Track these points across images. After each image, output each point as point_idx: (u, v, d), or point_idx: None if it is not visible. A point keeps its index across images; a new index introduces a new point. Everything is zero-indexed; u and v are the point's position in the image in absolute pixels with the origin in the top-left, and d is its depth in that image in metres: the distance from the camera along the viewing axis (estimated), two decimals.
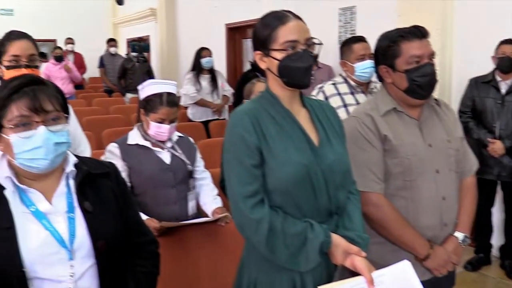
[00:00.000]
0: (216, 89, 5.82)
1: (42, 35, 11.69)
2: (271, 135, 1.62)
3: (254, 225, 1.57)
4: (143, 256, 1.65)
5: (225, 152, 1.67)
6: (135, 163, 2.54)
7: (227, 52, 7.56)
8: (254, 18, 6.66)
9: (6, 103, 1.41)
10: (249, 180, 1.60)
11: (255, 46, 1.71)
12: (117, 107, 6.79)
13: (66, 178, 1.52)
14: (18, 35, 2.28)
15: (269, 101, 1.69)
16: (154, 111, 2.55)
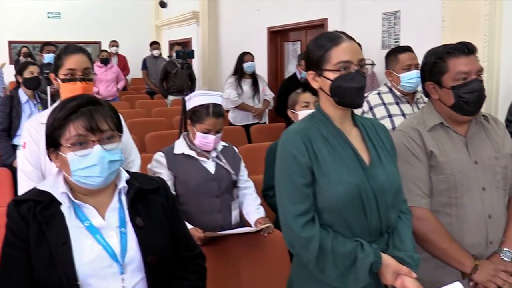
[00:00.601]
0: (257, 93, 5.85)
1: (87, 37, 12.06)
2: (323, 154, 1.64)
3: (304, 243, 1.60)
4: (191, 270, 1.69)
5: (277, 171, 1.70)
6: (181, 173, 2.58)
7: (269, 55, 7.57)
8: (296, 21, 6.73)
9: (64, 123, 1.47)
10: (300, 199, 1.62)
11: (308, 66, 1.74)
12: (159, 110, 6.89)
13: (118, 193, 1.58)
14: (74, 49, 2.34)
15: (320, 120, 1.71)
16: (201, 121, 2.60)
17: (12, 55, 11.72)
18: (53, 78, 2.36)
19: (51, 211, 1.48)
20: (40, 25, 11.82)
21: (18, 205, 1.49)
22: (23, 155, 2.29)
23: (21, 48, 9.72)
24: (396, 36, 5.32)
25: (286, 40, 7.52)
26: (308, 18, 6.58)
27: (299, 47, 7.19)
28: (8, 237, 1.48)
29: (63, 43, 11.53)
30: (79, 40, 10.71)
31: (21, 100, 4.28)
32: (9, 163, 4.02)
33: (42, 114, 2.41)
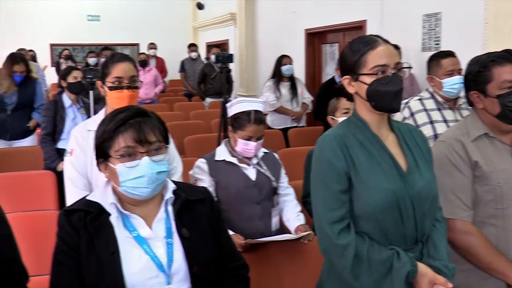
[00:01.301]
0: (296, 96, 5.83)
1: (125, 39, 12.27)
2: (360, 160, 1.63)
3: (340, 250, 1.59)
4: (235, 280, 1.70)
5: (313, 177, 1.70)
6: (222, 179, 2.60)
7: (306, 57, 7.53)
8: (334, 23, 6.68)
9: (113, 135, 1.50)
10: (336, 205, 1.61)
11: (343, 71, 1.72)
12: (197, 112, 6.95)
13: (165, 204, 1.60)
14: (121, 58, 2.37)
15: (357, 126, 1.70)
16: (242, 128, 2.61)
17: (53, 58, 12.02)
18: (100, 86, 2.40)
19: (100, 221, 1.51)
20: (80, 28, 12.11)
21: (68, 215, 1.53)
22: (70, 162, 2.34)
23: (62, 51, 9.97)
24: (437, 38, 5.22)
25: (324, 42, 7.47)
26: (347, 19, 6.52)
27: (337, 49, 7.13)
28: (59, 246, 1.52)
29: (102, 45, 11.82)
30: (117, 42, 10.95)
31: (65, 105, 4.38)
32: (54, 167, 4.12)
33: (89, 121, 2.46)
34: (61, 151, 4.22)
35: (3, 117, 4.90)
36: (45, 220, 2.85)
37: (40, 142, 4.28)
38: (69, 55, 9.64)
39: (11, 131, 4.94)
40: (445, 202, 1.94)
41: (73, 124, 4.28)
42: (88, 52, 9.20)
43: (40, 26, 11.61)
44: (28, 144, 5.04)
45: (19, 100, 4.89)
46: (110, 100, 2.35)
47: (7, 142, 4.95)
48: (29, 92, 4.98)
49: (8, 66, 4.79)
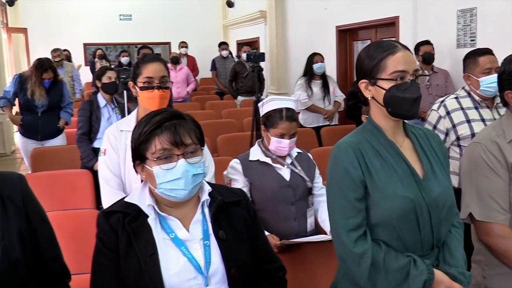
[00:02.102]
0: (328, 94, 5.78)
1: (157, 38, 12.41)
2: (376, 168, 1.62)
3: (356, 259, 1.58)
4: (272, 283, 1.69)
5: (329, 185, 1.69)
6: (256, 179, 2.60)
7: (338, 54, 7.48)
8: (366, 20, 6.61)
9: (150, 137, 1.51)
10: (353, 213, 1.61)
11: (360, 75, 1.71)
12: (229, 111, 6.97)
13: (201, 206, 1.61)
14: (152, 58, 2.40)
15: (371, 132, 1.68)
16: (274, 126, 2.61)
17: (86, 57, 12.24)
18: (131, 86, 2.43)
19: (138, 223, 1.53)
20: (113, 27, 12.31)
21: (107, 216, 1.55)
22: (103, 161, 2.39)
23: (95, 50, 10.14)
24: (472, 34, 5.12)
25: (356, 39, 7.41)
26: (379, 16, 6.45)
27: None
28: (99, 247, 1.54)
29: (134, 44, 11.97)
30: (149, 41, 11.06)
31: (99, 105, 4.46)
32: (90, 166, 4.19)
33: (121, 121, 2.50)
34: (97, 150, 4.29)
35: (34, 119, 5.06)
36: (82, 219, 2.90)
37: (77, 141, 4.37)
38: (103, 54, 9.80)
39: (42, 131, 5.10)
40: (481, 206, 1.92)
41: (108, 124, 4.35)
42: (121, 51, 9.33)
43: (74, 27, 11.86)
44: (58, 143, 5.20)
45: (49, 103, 5.04)
46: (141, 100, 2.38)
47: (38, 142, 5.09)
48: (58, 94, 5.14)
49: (37, 74, 4.90)
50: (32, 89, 4.89)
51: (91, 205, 3.68)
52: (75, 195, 3.67)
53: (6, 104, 5.15)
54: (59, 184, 3.65)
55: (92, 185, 3.75)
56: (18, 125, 5.23)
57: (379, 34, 6.78)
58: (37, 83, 4.89)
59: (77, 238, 2.65)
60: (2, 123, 7.93)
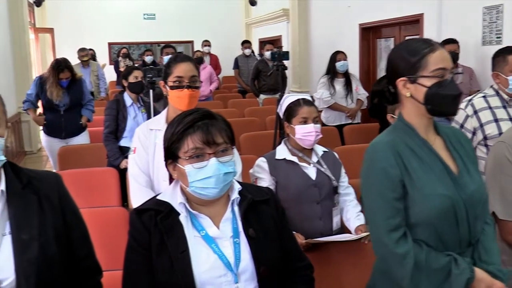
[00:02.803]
0: (350, 93, 5.76)
1: (180, 37, 12.50)
2: (413, 167, 1.61)
3: (399, 259, 1.58)
4: (300, 281, 1.71)
5: (366, 186, 1.69)
6: (282, 178, 2.62)
7: (360, 52, 7.45)
8: (389, 17, 6.57)
9: (182, 137, 1.54)
10: (392, 213, 1.60)
11: (396, 73, 1.68)
12: (252, 109, 6.99)
13: (231, 204, 1.63)
14: (182, 58, 2.45)
15: (405, 131, 1.68)
16: (295, 114, 2.66)
17: (111, 56, 12.40)
18: (162, 86, 2.49)
19: (170, 221, 1.56)
20: (137, 26, 12.47)
21: (140, 214, 1.58)
22: (133, 159, 2.44)
23: (120, 49, 10.26)
24: (498, 31, 5.05)
25: (379, 37, 7.37)
26: (403, 13, 6.40)
27: (392, 43, 7.02)
28: (131, 244, 1.58)
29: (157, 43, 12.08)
30: (172, 40, 11.17)
31: (126, 104, 4.52)
32: (117, 164, 4.26)
33: (151, 121, 2.55)
34: (123, 149, 4.37)
35: (57, 118, 5.15)
36: (110, 216, 2.95)
37: (104, 140, 4.43)
38: (127, 53, 9.90)
39: (65, 129, 5.18)
40: (505, 205, 1.92)
41: (134, 123, 4.41)
42: (145, 50, 9.43)
43: (99, 26, 12.03)
44: (82, 140, 5.28)
45: (70, 101, 5.12)
46: (171, 99, 2.43)
47: (62, 140, 5.18)
48: (78, 92, 5.21)
49: (54, 74, 4.98)
50: (50, 90, 4.98)
51: (117, 203, 3.74)
52: (101, 193, 3.73)
53: (30, 107, 5.25)
54: (85, 182, 3.71)
55: (118, 183, 3.81)
56: (42, 125, 5.34)
57: (403, 32, 6.73)
58: (55, 84, 4.97)
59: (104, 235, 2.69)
60: (28, 122, 8.08)
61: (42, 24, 11.77)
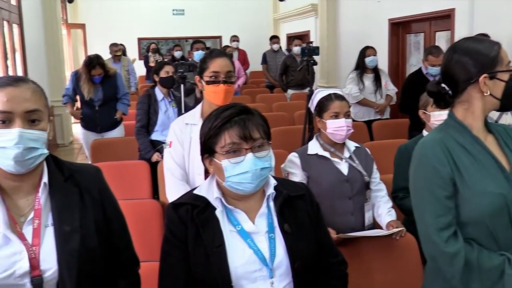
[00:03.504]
0: (380, 88, 5.71)
1: (208, 32, 12.56)
2: (464, 165, 1.60)
3: (449, 258, 1.57)
4: (334, 276, 1.72)
5: (415, 184, 1.68)
6: (314, 173, 2.63)
7: (390, 48, 7.36)
8: (420, 12, 6.48)
9: (219, 131, 1.56)
10: (443, 212, 1.59)
11: (477, 70, 1.62)
12: (279, 104, 6.99)
13: (267, 199, 1.64)
14: (219, 53, 2.47)
15: (456, 129, 1.66)
16: (326, 109, 2.67)
17: (140, 51, 12.53)
18: (197, 81, 2.50)
19: (206, 215, 1.58)
20: (166, 22, 12.59)
21: (177, 208, 1.61)
22: (169, 153, 2.47)
23: (149, 44, 10.36)
24: None
25: (408, 32, 7.28)
26: (434, 8, 6.30)
27: (422, 39, 6.93)
28: (168, 237, 1.60)
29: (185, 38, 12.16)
30: (201, 35, 11.21)
31: (157, 98, 4.56)
32: (148, 158, 4.32)
33: (187, 115, 2.57)
34: (154, 143, 4.43)
35: (92, 112, 5.26)
36: (142, 208, 3.01)
37: (136, 134, 4.49)
38: (157, 48, 10.00)
39: (100, 124, 5.28)
40: None
41: (165, 117, 4.47)
42: (174, 46, 9.50)
43: (129, 22, 12.18)
44: (116, 134, 5.38)
45: (104, 96, 5.21)
46: (207, 94, 2.45)
47: (98, 134, 5.29)
48: (112, 87, 5.29)
49: (86, 71, 5.08)
50: (83, 86, 5.09)
51: (148, 195, 3.80)
52: (133, 185, 3.80)
53: (68, 101, 5.39)
54: (118, 175, 3.77)
55: (149, 175, 3.87)
56: (79, 119, 5.44)
57: (433, 27, 6.64)
58: (87, 80, 5.07)
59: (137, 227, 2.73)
60: (61, 116, 8.24)
61: (74, 20, 11.98)
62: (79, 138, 6.23)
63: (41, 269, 1.42)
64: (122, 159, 4.25)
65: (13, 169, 1.41)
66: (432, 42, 6.55)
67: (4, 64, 6.19)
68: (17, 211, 1.47)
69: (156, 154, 4.32)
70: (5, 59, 6.23)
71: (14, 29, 6.99)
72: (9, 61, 6.47)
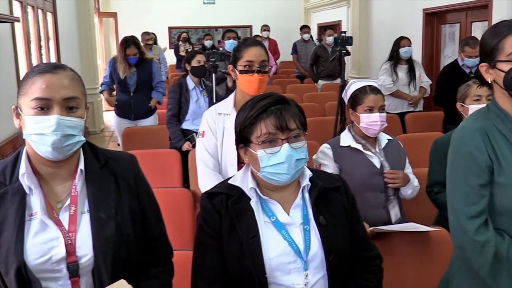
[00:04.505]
0: (414, 80, 5.59)
1: (239, 21, 12.53)
2: (504, 153, 1.56)
3: (478, 248, 1.54)
4: (369, 270, 1.69)
5: (451, 170, 1.65)
6: (347, 165, 2.59)
7: (424, 38, 7.22)
8: (456, 2, 6.32)
9: (255, 121, 1.54)
10: (476, 200, 1.56)
11: (481, 57, 1.66)
12: (310, 95, 6.95)
13: (302, 191, 1.62)
14: (253, 42, 2.43)
15: (498, 116, 1.62)
16: (361, 102, 2.61)
17: (171, 40, 12.59)
18: (231, 70, 2.47)
19: (241, 205, 1.57)
20: (197, 11, 12.61)
21: (211, 198, 1.61)
22: (201, 143, 2.46)
23: (180, 33, 10.39)
24: None
25: (443, 22, 7.12)
26: None
27: (458, 29, 6.77)
28: (202, 226, 1.60)
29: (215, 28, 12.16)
30: (231, 24, 11.19)
31: (188, 87, 4.57)
32: (179, 147, 4.33)
33: (219, 105, 2.55)
34: (185, 131, 4.44)
35: (127, 99, 5.26)
36: (174, 197, 3.01)
37: (167, 122, 4.51)
38: (187, 37, 10.02)
39: (134, 111, 5.29)
40: None
41: (196, 106, 4.48)
42: (205, 35, 9.51)
43: (160, 11, 12.26)
44: (150, 123, 5.38)
45: (138, 80, 5.19)
46: (240, 83, 2.42)
47: (131, 121, 5.30)
48: (147, 72, 5.27)
49: (121, 51, 5.10)
50: (118, 66, 5.11)
51: (179, 184, 3.81)
52: (164, 174, 3.81)
53: (105, 89, 5.41)
54: (149, 163, 3.78)
55: (180, 164, 3.89)
56: (114, 106, 5.47)
57: (470, 17, 6.48)
58: (122, 59, 5.08)
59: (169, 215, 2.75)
60: (93, 103, 8.35)
61: (106, 8, 12.10)
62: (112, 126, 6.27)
63: (77, 255, 1.43)
64: (153, 147, 4.28)
65: (50, 155, 1.42)
66: (468, 33, 6.39)
67: (38, 52, 6.28)
68: (54, 197, 1.49)
69: (186, 143, 4.33)
70: (39, 47, 6.32)
71: (48, 18, 7.09)
72: (43, 49, 6.57)
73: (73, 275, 1.43)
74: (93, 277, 1.46)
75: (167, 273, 1.68)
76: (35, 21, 6.18)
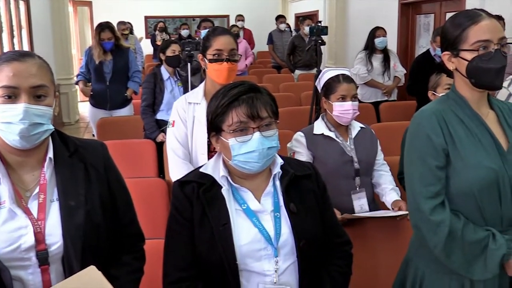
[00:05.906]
0: (388, 69, 5.66)
1: (215, 11, 12.46)
2: (459, 137, 1.61)
3: (433, 227, 1.59)
4: (339, 256, 1.71)
5: (409, 151, 1.70)
6: (320, 153, 2.62)
7: (399, 29, 7.27)
8: None
9: (227, 110, 1.54)
10: (432, 181, 1.61)
11: (444, 46, 1.69)
12: (287, 85, 6.96)
13: (273, 178, 1.63)
14: (222, 31, 2.44)
15: (456, 102, 1.67)
16: (334, 91, 2.65)
17: (147, 30, 12.47)
18: (200, 59, 2.48)
19: (212, 193, 1.57)
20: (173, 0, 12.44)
21: (182, 186, 1.61)
22: (172, 132, 2.46)
23: (157, 23, 10.29)
24: None
25: (418, 13, 7.18)
26: None
27: (432, 20, 6.83)
28: (174, 214, 1.60)
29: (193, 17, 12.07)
30: (208, 14, 11.13)
31: (163, 77, 4.54)
32: (153, 138, 4.31)
33: (189, 94, 2.56)
34: (160, 122, 4.41)
35: (103, 88, 5.19)
36: (148, 187, 3.01)
37: (141, 113, 4.48)
38: (164, 27, 9.94)
39: (110, 101, 5.22)
40: None
41: (171, 96, 4.45)
42: (181, 24, 9.43)
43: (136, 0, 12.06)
44: (126, 113, 5.32)
45: (114, 68, 5.12)
46: (210, 72, 2.42)
47: (107, 111, 5.24)
48: (123, 60, 5.21)
49: (96, 35, 5.04)
50: (93, 52, 5.04)
51: (154, 174, 3.80)
52: (138, 164, 3.80)
53: (81, 79, 5.31)
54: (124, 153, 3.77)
55: (155, 154, 3.88)
56: (89, 96, 5.39)
57: (444, 8, 6.55)
58: (97, 43, 5.02)
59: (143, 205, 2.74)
60: (67, 94, 8.23)
61: None
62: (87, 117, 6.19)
63: (46, 244, 1.43)
64: (128, 138, 4.25)
65: (18, 144, 1.41)
66: (442, 23, 6.45)
67: (10, 42, 6.17)
68: (22, 186, 1.47)
69: (161, 134, 4.30)
70: (11, 37, 6.21)
71: (21, 6, 6.96)
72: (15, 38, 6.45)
73: (43, 263, 1.43)
74: (63, 265, 1.45)
75: (139, 260, 1.68)
76: (6, 9, 6.07)
